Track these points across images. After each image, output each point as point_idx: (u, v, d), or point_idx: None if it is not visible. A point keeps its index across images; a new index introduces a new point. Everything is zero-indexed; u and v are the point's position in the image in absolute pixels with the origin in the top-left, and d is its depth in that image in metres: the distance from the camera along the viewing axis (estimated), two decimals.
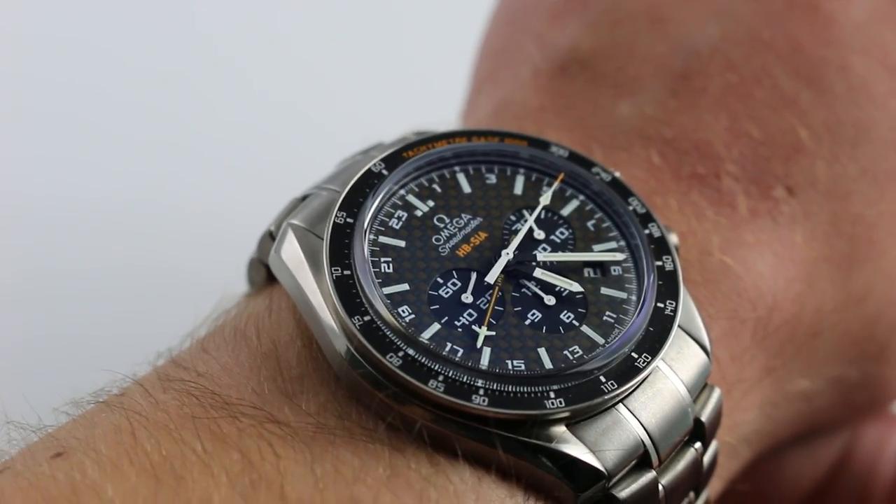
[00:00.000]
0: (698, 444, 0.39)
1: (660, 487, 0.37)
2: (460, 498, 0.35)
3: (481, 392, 0.36)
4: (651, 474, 0.37)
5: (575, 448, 0.36)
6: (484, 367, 0.36)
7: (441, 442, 0.36)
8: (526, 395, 0.36)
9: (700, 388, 0.39)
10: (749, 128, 0.42)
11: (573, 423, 0.37)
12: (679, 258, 0.39)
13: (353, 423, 0.36)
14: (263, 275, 0.41)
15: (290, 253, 0.38)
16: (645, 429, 0.37)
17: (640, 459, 0.37)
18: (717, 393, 0.39)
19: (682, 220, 0.41)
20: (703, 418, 0.39)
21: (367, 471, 0.35)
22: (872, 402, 0.48)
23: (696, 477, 0.39)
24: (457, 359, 0.36)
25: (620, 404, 0.37)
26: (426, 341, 0.36)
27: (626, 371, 0.37)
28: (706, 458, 0.39)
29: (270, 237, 0.40)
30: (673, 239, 0.40)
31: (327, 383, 0.37)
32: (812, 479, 0.49)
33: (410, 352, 0.36)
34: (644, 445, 0.37)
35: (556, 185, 0.41)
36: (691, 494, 0.39)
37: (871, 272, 0.43)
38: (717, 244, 0.41)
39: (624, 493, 0.37)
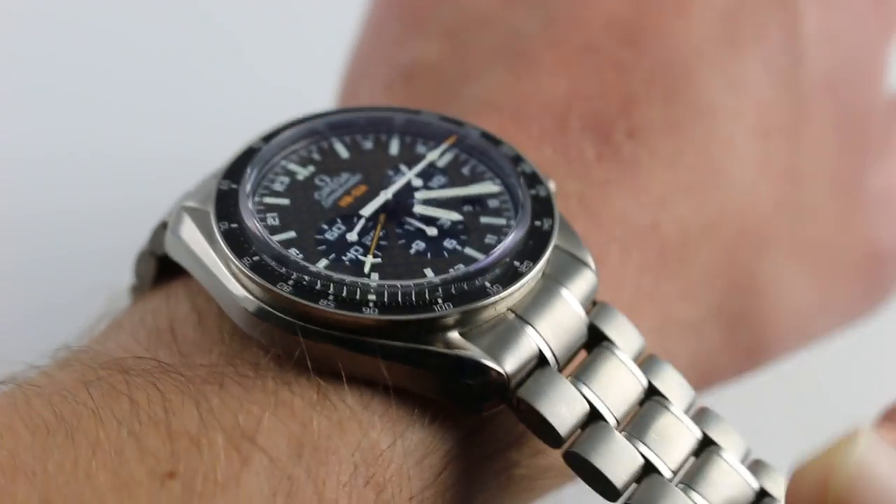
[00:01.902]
0: (606, 343, 0.40)
1: (576, 384, 0.38)
2: (343, 425, 0.36)
3: (371, 304, 0.37)
4: (552, 370, 0.38)
5: (469, 352, 0.37)
6: (372, 284, 0.38)
7: (327, 365, 0.37)
8: (414, 302, 0.37)
9: (590, 301, 0.40)
10: (585, 88, 0.47)
11: (467, 332, 0.38)
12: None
13: (243, 362, 0.38)
14: (153, 268, 0.43)
15: (187, 231, 0.40)
16: (539, 333, 0.38)
17: (538, 362, 0.38)
18: (608, 306, 0.40)
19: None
20: (598, 324, 0.40)
21: (251, 401, 0.36)
22: (758, 344, 0.50)
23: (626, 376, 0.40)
24: (347, 279, 0.37)
25: (511, 313, 0.38)
26: (316, 269, 0.38)
27: (510, 276, 0.39)
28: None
29: (164, 227, 0.42)
30: (551, 185, 0.42)
31: (223, 341, 0.39)
32: None
33: (303, 279, 0.37)
34: (540, 348, 0.38)
35: (446, 145, 0.43)
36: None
37: (721, 197, 0.47)
38: (573, 189, 0.45)
39: (528, 393, 0.37)
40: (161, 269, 0.43)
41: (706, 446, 0.40)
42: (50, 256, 0.63)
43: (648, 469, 0.38)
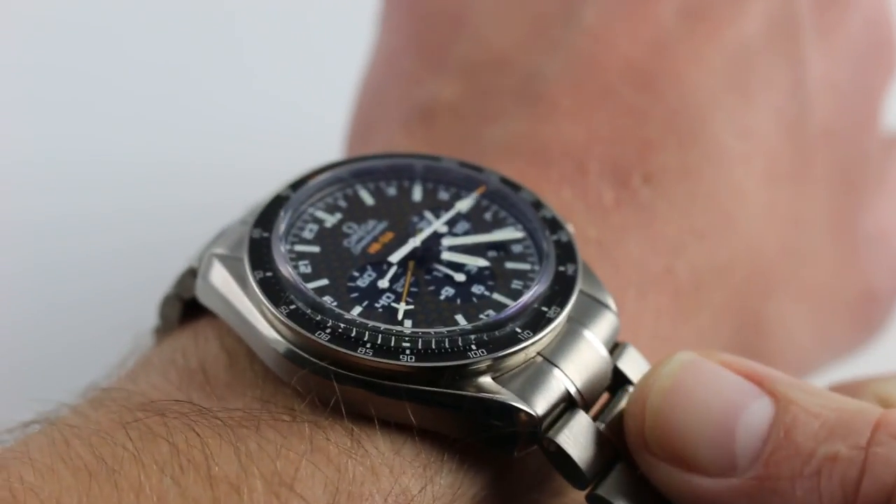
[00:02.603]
0: (630, 388, 0.41)
1: (596, 424, 0.39)
2: (376, 470, 0.37)
3: (407, 352, 0.38)
4: (581, 413, 0.39)
5: (502, 395, 0.38)
6: (407, 331, 0.39)
7: (359, 410, 0.38)
8: (449, 350, 0.38)
9: (613, 342, 0.42)
10: (604, 133, 0.48)
11: (498, 377, 0.39)
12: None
13: (278, 407, 0.38)
14: (178, 311, 0.44)
15: (218, 277, 0.41)
16: (567, 376, 0.39)
17: (567, 404, 0.39)
18: (630, 347, 0.42)
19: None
20: (622, 366, 0.41)
21: (288, 446, 0.37)
22: None
23: None
24: (382, 327, 0.39)
25: (539, 357, 0.40)
26: (351, 316, 0.39)
27: (539, 322, 0.40)
28: None
29: (192, 274, 0.43)
30: (570, 228, 0.44)
31: (256, 385, 0.40)
32: None
33: (339, 327, 0.38)
34: (568, 390, 0.39)
35: (476, 195, 0.44)
36: None
37: (732, 242, 0.49)
38: (592, 235, 0.46)
39: (558, 434, 0.39)
40: (185, 312, 0.44)
41: None
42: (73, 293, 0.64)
43: None
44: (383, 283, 0.41)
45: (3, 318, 0.62)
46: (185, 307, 0.44)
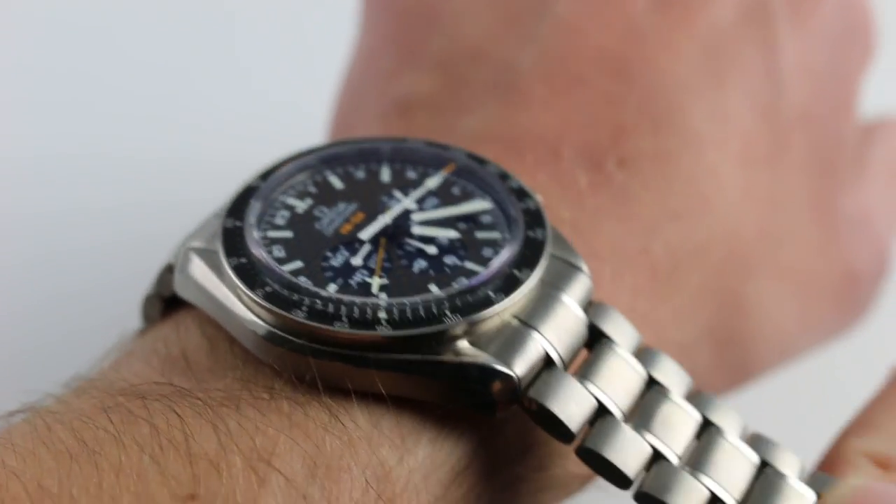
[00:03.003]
0: (606, 340, 0.41)
1: (583, 382, 0.40)
2: (354, 444, 0.38)
3: (383, 322, 0.39)
4: (560, 370, 0.40)
5: (480, 358, 0.39)
6: (382, 302, 0.39)
7: (338, 384, 0.38)
8: (424, 317, 0.39)
9: (587, 302, 0.42)
10: (577, 119, 0.49)
11: (475, 341, 0.39)
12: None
13: (258, 386, 0.39)
14: (159, 310, 0.44)
15: (196, 269, 0.42)
16: (544, 336, 0.40)
17: (545, 364, 0.40)
18: (605, 305, 0.42)
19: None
20: (598, 323, 0.42)
21: (267, 423, 0.37)
22: (744, 363, 0.52)
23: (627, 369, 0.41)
24: (357, 300, 0.39)
25: (516, 319, 0.40)
26: (327, 293, 0.40)
27: (511, 284, 0.40)
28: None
29: (169, 270, 0.43)
30: (538, 198, 0.44)
31: (236, 367, 0.40)
32: None
33: (316, 304, 0.39)
34: (545, 350, 0.40)
35: (445, 173, 0.45)
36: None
37: (709, 223, 0.49)
38: (567, 216, 0.46)
39: (538, 393, 0.39)
40: (167, 310, 0.44)
41: (707, 427, 0.42)
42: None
43: (657, 457, 0.40)
44: (356, 261, 0.41)
45: None
46: (166, 305, 0.44)
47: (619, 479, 0.39)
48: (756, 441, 0.42)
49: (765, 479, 0.41)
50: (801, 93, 0.53)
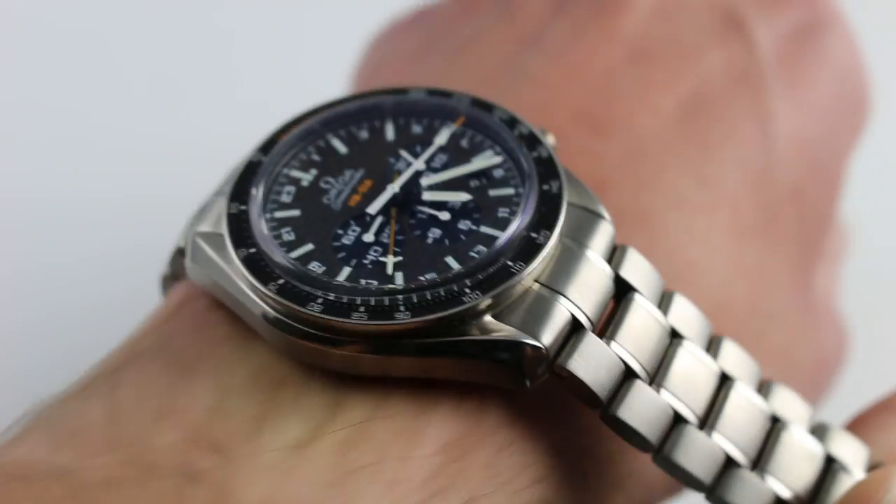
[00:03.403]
0: (632, 294, 0.40)
1: (611, 344, 0.39)
2: (400, 434, 0.37)
3: (402, 309, 0.38)
4: (589, 335, 0.39)
5: (504, 333, 0.38)
6: (400, 287, 0.38)
7: (355, 371, 0.38)
8: (443, 297, 0.38)
9: (611, 251, 0.41)
10: None
11: (499, 313, 0.38)
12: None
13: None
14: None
15: (204, 256, 0.41)
16: (569, 299, 0.39)
17: (573, 328, 0.39)
18: (630, 250, 0.41)
19: None
20: (624, 274, 0.40)
21: (315, 422, 0.37)
22: None
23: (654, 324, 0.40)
24: (374, 287, 0.38)
25: (537, 284, 0.39)
26: (340, 282, 0.38)
27: (530, 250, 0.39)
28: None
29: (180, 253, 0.42)
30: (549, 139, 0.42)
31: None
32: None
33: (329, 296, 0.38)
34: (572, 314, 0.39)
35: (455, 126, 0.43)
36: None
37: (695, 292, 0.45)
38: None
39: (568, 360, 0.38)
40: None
41: (725, 381, 0.42)
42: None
43: (678, 419, 0.40)
44: (368, 237, 0.40)
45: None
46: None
47: (643, 443, 0.39)
48: (769, 390, 0.43)
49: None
50: (794, 165, 0.50)
